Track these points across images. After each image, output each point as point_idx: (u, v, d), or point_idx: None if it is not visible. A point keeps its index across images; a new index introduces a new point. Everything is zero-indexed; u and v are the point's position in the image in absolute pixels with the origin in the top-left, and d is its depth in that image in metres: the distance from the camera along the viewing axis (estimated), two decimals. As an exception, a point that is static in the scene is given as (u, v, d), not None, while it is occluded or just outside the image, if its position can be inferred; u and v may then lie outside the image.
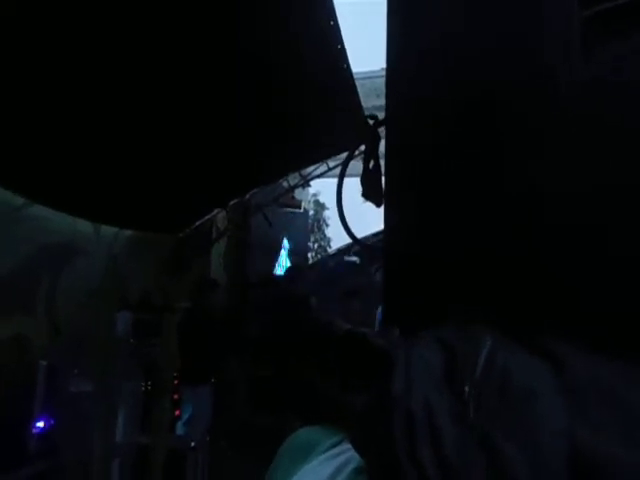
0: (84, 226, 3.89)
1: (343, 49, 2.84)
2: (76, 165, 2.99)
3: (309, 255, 10.11)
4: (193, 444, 3.69)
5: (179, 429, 4.25)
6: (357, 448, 0.38)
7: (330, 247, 12.35)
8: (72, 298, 3.80)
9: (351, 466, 0.40)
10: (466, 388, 0.32)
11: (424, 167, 0.76)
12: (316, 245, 12.92)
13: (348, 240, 1.10)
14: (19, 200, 3.38)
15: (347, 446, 0.42)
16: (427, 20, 0.77)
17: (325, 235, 13.29)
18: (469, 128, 0.73)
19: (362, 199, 0.95)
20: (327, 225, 12.82)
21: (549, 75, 0.67)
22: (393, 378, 0.36)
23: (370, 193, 0.94)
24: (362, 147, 1.11)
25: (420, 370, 0.36)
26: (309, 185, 7.71)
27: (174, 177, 3.40)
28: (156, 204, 3.66)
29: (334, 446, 0.45)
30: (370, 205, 0.98)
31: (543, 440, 0.30)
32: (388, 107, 0.81)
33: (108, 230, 4.06)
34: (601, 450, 0.31)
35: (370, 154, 0.96)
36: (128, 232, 4.21)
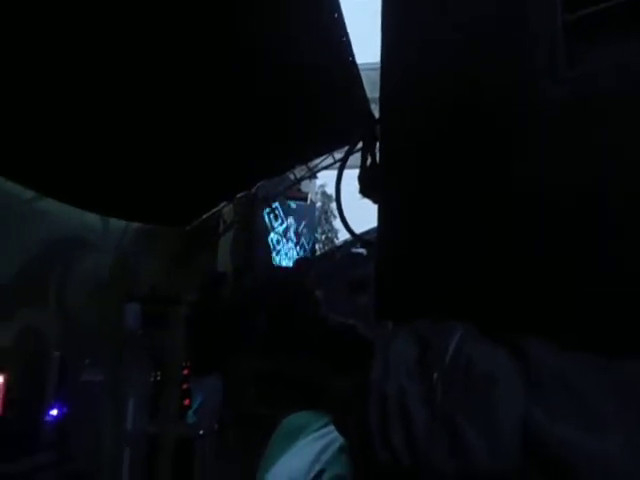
0: (93, 220, 3.96)
1: (348, 41, 2.84)
2: (85, 159, 3.04)
3: (316, 247, 10.12)
4: (202, 432, 3.77)
5: (190, 418, 4.34)
6: (339, 429, 0.42)
7: (337, 239, 12.33)
8: (82, 291, 3.87)
9: (336, 445, 0.44)
10: (435, 375, 0.36)
11: (417, 165, 0.79)
12: (323, 237, 12.92)
13: (356, 231, 1.12)
14: (29, 194, 3.44)
15: (333, 427, 0.46)
16: (419, 27, 0.80)
17: (332, 227, 13.26)
18: (460, 128, 0.75)
19: (359, 196, 0.97)
20: (334, 217, 12.77)
21: (535, 77, 0.69)
22: (372, 367, 0.40)
23: (368, 190, 0.97)
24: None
25: (396, 359, 0.39)
26: (316, 177, 7.72)
27: (181, 171, 3.44)
28: (163, 197, 3.71)
29: (322, 428, 0.49)
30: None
31: (500, 421, 0.33)
32: (382, 107, 0.84)
33: (116, 223, 4.12)
34: (554, 432, 0.34)
35: (367, 152, 0.98)
36: (136, 225, 4.27)
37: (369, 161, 1.02)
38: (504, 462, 0.34)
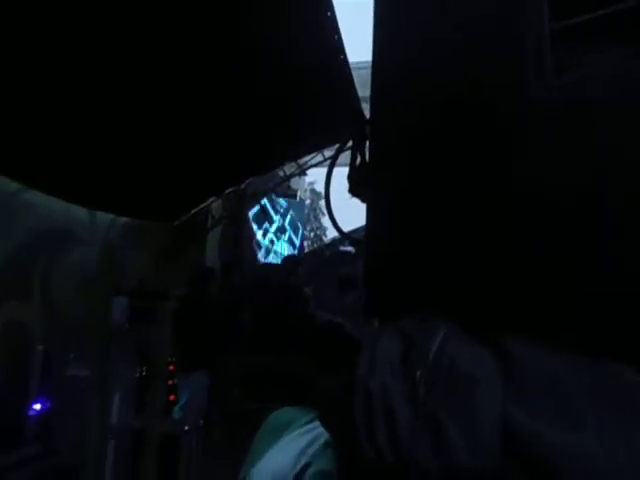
0: (79, 213, 3.91)
1: (340, 40, 2.85)
2: (72, 152, 3.01)
3: (305, 244, 10.11)
4: (187, 428, 3.76)
5: (176, 414, 4.33)
6: (324, 424, 0.43)
7: (326, 236, 12.37)
8: (68, 284, 3.83)
9: (321, 440, 0.45)
10: (418, 373, 0.37)
11: (410, 163, 0.79)
12: (312, 234, 12.94)
13: (344, 229, 1.14)
14: (14, 186, 3.39)
15: (318, 423, 0.47)
16: (411, 26, 0.80)
17: (321, 224, 13.29)
18: (459, 127, 0.75)
19: (348, 195, 0.98)
20: (323, 214, 12.78)
21: (524, 83, 0.70)
22: (359, 364, 0.41)
23: (357, 189, 0.97)
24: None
25: (382, 358, 0.40)
26: (305, 174, 7.73)
27: (170, 166, 3.42)
28: (152, 192, 3.69)
29: (307, 423, 0.50)
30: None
31: (481, 421, 0.34)
32: (373, 104, 0.84)
33: (104, 217, 4.09)
34: (535, 431, 0.35)
35: (357, 151, 0.99)
36: (124, 219, 4.24)
37: (358, 160, 1.02)
38: (485, 461, 0.35)
